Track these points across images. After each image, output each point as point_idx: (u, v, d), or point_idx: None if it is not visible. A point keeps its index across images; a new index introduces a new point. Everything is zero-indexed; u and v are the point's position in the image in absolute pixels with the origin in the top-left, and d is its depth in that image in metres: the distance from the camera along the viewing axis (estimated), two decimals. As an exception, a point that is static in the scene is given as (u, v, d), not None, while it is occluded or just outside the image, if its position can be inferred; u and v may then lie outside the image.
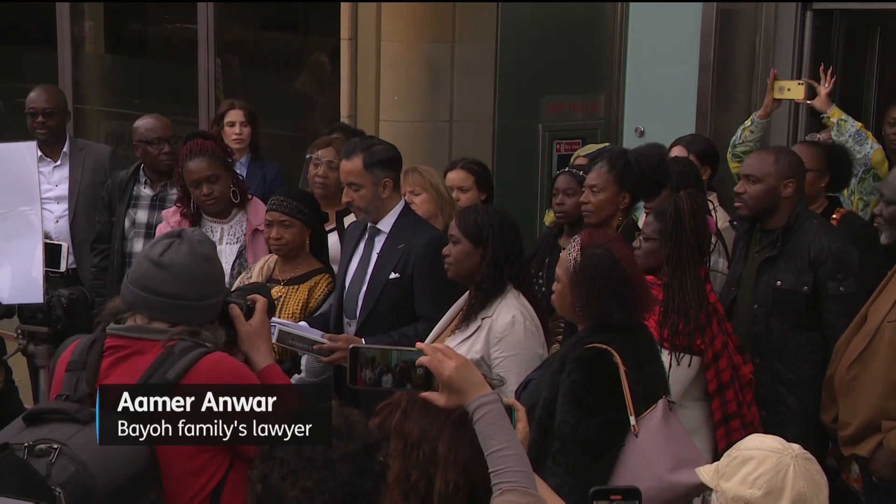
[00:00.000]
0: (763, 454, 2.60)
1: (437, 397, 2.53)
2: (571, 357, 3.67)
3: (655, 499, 3.50)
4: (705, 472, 2.71)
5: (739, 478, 2.60)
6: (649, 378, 3.74)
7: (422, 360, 2.55)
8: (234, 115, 6.63)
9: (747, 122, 5.95)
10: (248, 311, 3.35)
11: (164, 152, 5.98)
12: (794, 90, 5.85)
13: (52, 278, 4.53)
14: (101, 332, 3.17)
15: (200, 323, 3.19)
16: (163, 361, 3.05)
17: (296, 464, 2.34)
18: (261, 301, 3.40)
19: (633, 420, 3.61)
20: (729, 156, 5.98)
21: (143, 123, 6.11)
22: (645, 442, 3.60)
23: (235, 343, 3.32)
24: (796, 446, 2.64)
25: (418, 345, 2.59)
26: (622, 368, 3.61)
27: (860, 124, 5.73)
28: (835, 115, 5.68)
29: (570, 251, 3.79)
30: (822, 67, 5.93)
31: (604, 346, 3.64)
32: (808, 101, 5.88)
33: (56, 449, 2.84)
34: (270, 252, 5.09)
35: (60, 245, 4.63)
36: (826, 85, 5.80)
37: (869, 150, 5.58)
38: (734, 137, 5.95)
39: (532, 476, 2.51)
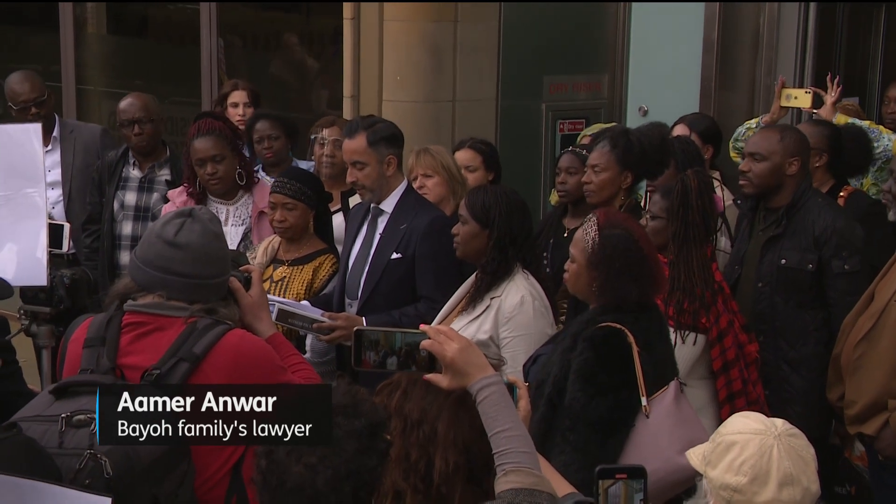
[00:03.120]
0: (746, 438, 2.56)
1: (440, 379, 2.53)
2: (584, 335, 3.66)
3: (663, 480, 3.49)
4: (695, 456, 2.68)
5: (724, 465, 2.56)
6: (660, 358, 3.73)
7: (425, 343, 2.55)
8: (238, 97, 6.60)
9: (752, 124, 5.88)
10: (246, 283, 3.38)
11: (135, 133, 5.93)
12: (801, 98, 5.82)
13: (55, 259, 4.53)
14: (117, 309, 3.18)
15: (215, 300, 3.22)
16: (187, 336, 3.08)
17: None
18: (256, 272, 3.45)
19: (644, 401, 3.60)
20: (731, 146, 5.94)
21: (120, 104, 6.07)
22: (655, 423, 3.60)
23: None
24: (780, 422, 2.60)
25: (422, 327, 2.59)
26: (635, 348, 3.60)
27: (869, 122, 5.72)
28: (840, 120, 5.69)
29: (587, 231, 3.75)
30: (828, 77, 5.92)
31: (617, 326, 3.63)
32: (815, 111, 5.86)
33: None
34: (275, 233, 5.08)
35: (63, 225, 4.62)
36: (832, 94, 5.80)
37: (887, 142, 5.57)
38: (737, 132, 5.87)
39: (535, 456, 2.51)
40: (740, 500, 2.53)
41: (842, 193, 5.23)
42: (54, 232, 4.49)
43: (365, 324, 4.47)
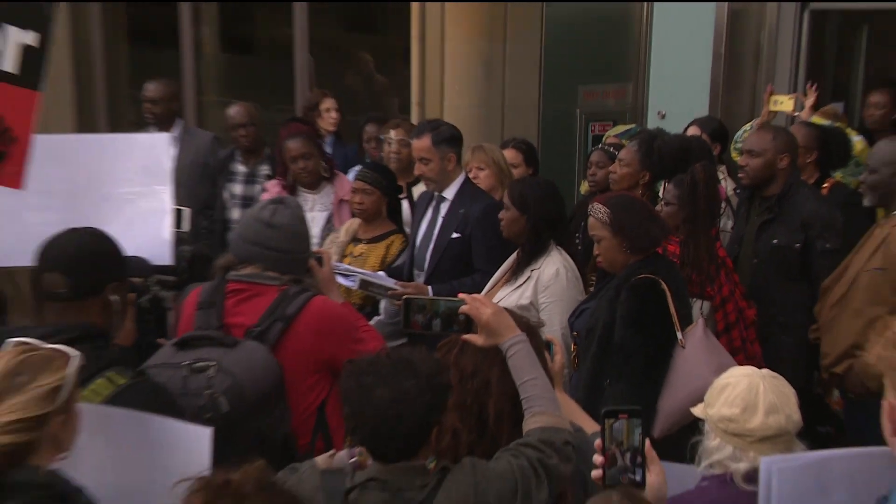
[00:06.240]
0: (736, 379, 2.66)
1: (476, 338, 2.56)
2: (626, 286, 3.73)
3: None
4: (697, 409, 2.74)
5: (720, 402, 2.64)
6: (688, 303, 3.86)
7: (464, 308, 2.58)
8: (330, 103, 6.66)
9: (748, 127, 5.83)
10: (319, 262, 3.47)
11: (241, 135, 6.01)
12: (785, 103, 5.82)
13: (178, 237, 4.61)
14: (222, 279, 3.24)
15: (300, 272, 3.28)
16: (281, 301, 3.14)
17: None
18: (326, 254, 3.52)
19: (679, 335, 3.68)
20: (732, 147, 5.90)
21: (229, 111, 6.14)
22: (691, 352, 3.68)
23: None
24: (765, 370, 2.68)
25: (460, 295, 2.62)
26: (668, 294, 3.67)
27: (839, 124, 5.68)
28: (816, 121, 5.65)
29: (595, 212, 3.81)
30: (809, 84, 5.90)
31: (653, 277, 3.70)
32: (797, 113, 5.83)
33: (214, 365, 2.92)
34: (353, 216, 5.14)
35: (183, 209, 4.69)
36: (811, 98, 5.79)
37: (851, 144, 5.54)
38: (737, 135, 5.84)
39: (557, 402, 2.54)
40: (735, 428, 2.59)
41: (825, 184, 5.19)
42: (177, 214, 4.57)
43: (430, 291, 4.52)
